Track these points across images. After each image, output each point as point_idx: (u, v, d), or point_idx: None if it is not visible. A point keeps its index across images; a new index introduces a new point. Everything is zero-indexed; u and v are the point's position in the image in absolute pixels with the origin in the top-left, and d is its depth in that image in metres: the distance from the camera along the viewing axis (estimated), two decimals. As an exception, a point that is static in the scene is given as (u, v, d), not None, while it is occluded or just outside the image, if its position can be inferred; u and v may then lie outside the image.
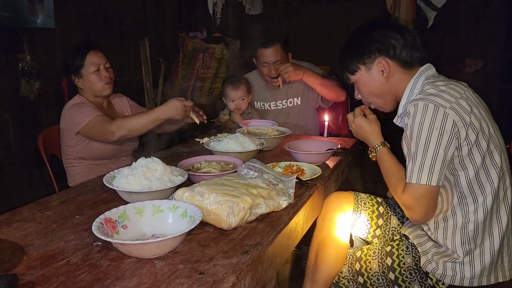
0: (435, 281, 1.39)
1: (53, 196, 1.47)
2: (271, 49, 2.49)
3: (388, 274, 1.46)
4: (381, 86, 1.46)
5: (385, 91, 1.47)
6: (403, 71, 1.43)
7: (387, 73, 1.43)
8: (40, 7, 2.70)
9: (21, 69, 2.59)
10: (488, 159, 1.31)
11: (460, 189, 1.32)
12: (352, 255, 1.58)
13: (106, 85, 2.11)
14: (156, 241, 1.00)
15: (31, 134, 2.55)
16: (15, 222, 1.24)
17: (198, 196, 1.20)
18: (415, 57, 1.43)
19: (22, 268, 0.99)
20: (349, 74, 1.51)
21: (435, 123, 1.24)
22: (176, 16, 4.09)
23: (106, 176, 1.43)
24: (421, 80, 1.41)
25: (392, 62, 1.42)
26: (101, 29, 3.24)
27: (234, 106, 2.52)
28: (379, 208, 1.69)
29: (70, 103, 2.09)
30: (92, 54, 2.10)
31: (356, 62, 1.47)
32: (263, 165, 1.50)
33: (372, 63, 1.44)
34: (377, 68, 1.44)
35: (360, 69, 1.47)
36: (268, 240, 1.13)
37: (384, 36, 1.42)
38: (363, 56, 1.45)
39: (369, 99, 1.54)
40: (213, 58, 3.80)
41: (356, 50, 1.47)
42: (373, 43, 1.43)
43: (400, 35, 1.41)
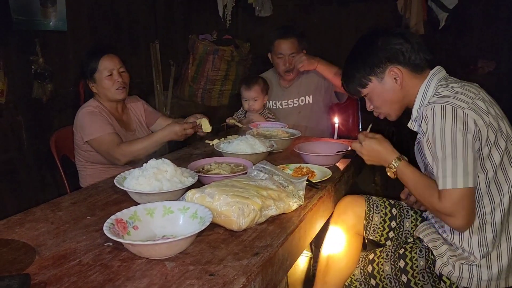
0: (448, 284, 1.37)
1: (65, 197, 1.48)
2: (288, 41, 2.53)
3: (401, 277, 1.45)
4: (396, 93, 1.45)
5: (399, 98, 1.46)
6: (415, 75, 1.42)
7: (401, 80, 1.42)
8: (52, 11, 2.73)
9: (34, 71, 2.63)
10: (506, 159, 1.29)
11: (478, 191, 1.30)
12: (365, 257, 1.57)
13: (118, 90, 2.10)
14: (166, 242, 1.00)
15: (43, 136, 2.58)
16: (27, 223, 1.25)
17: (208, 198, 1.20)
18: (424, 59, 1.42)
19: (35, 267, 1.00)
20: (360, 88, 1.50)
21: (457, 124, 1.22)
22: (186, 18, 4.11)
23: (117, 177, 1.44)
24: (434, 82, 1.40)
25: (403, 68, 1.41)
26: (112, 32, 3.27)
27: (248, 106, 2.53)
28: (392, 210, 1.68)
29: (85, 108, 2.09)
30: (105, 59, 2.09)
31: (367, 75, 1.45)
32: (273, 167, 1.49)
33: (383, 73, 1.43)
34: (389, 76, 1.43)
35: (371, 81, 1.46)
36: (278, 242, 1.12)
37: (390, 44, 1.41)
38: (373, 68, 1.43)
39: (382, 109, 1.52)
40: (223, 60, 3.81)
41: (365, 63, 1.45)
42: (380, 53, 1.42)
43: (405, 39, 1.41)
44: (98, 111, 2.07)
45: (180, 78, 3.97)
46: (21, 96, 2.60)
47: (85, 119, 2.04)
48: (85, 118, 2.04)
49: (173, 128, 1.93)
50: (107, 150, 1.98)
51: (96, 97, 2.15)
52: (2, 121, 2.52)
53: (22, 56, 2.58)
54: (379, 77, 1.44)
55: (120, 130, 2.13)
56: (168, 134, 1.93)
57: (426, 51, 1.43)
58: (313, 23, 4.43)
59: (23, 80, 2.59)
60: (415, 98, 1.43)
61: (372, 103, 1.52)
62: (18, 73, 2.56)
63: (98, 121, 2.02)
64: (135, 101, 2.36)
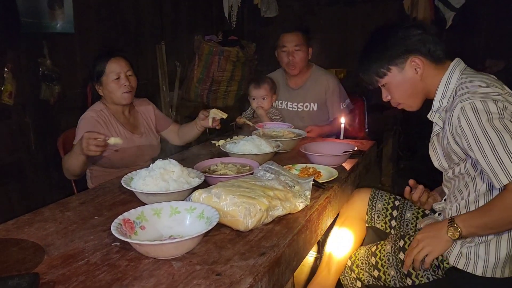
0: (440, 260, 1.40)
1: (72, 197, 1.49)
2: (291, 34, 2.57)
3: (399, 254, 1.49)
4: (416, 84, 1.44)
5: (419, 89, 1.45)
6: (435, 67, 1.42)
7: (422, 71, 1.41)
8: (60, 13, 2.76)
9: (42, 73, 2.65)
10: None
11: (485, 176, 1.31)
12: (369, 249, 1.63)
13: (125, 93, 2.07)
14: (173, 242, 1.00)
15: (51, 137, 2.60)
16: (36, 223, 1.27)
17: (215, 198, 1.20)
18: (442, 50, 1.42)
19: (43, 267, 1.01)
20: (377, 77, 1.49)
21: (491, 111, 1.21)
22: (192, 19, 4.12)
23: (124, 178, 1.45)
24: (456, 74, 1.40)
25: (424, 58, 1.41)
26: (119, 34, 3.29)
27: (256, 104, 2.54)
28: (395, 201, 1.75)
29: (86, 112, 2.08)
30: (113, 62, 2.06)
31: (386, 65, 1.44)
32: (279, 167, 1.49)
33: (404, 63, 1.42)
34: (410, 67, 1.42)
35: (391, 71, 1.45)
36: (285, 242, 1.12)
37: (410, 35, 1.41)
38: (394, 58, 1.43)
39: (401, 100, 1.51)
40: (228, 61, 3.82)
41: (384, 53, 1.44)
42: (402, 43, 1.41)
43: (424, 31, 1.41)
44: (97, 118, 2.04)
45: (186, 79, 3.99)
46: (29, 97, 2.62)
47: (81, 124, 2.03)
48: (81, 123, 2.03)
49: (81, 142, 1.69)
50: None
51: (102, 100, 2.15)
52: (10, 122, 2.54)
53: (30, 58, 2.60)
54: (400, 67, 1.43)
55: (124, 132, 2.12)
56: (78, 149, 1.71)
57: (442, 44, 1.43)
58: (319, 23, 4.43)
59: (31, 82, 2.62)
60: (435, 89, 1.43)
61: (390, 93, 1.51)
62: (26, 75, 2.58)
63: (85, 130, 1.92)
64: (145, 104, 2.33)
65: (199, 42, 3.89)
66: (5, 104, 2.47)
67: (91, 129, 1.96)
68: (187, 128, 2.30)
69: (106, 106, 2.13)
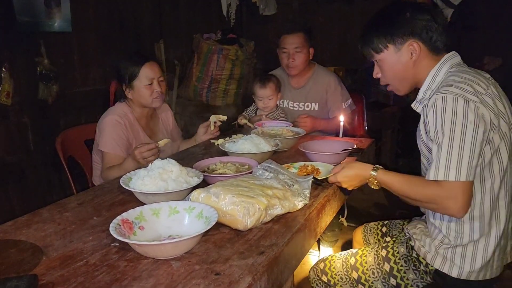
0: (425, 264, 1.40)
1: (71, 198, 1.49)
2: (291, 35, 2.54)
3: (384, 266, 1.46)
4: (407, 69, 1.41)
5: (409, 75, 1.42)
6: (431, 57, 1.39)
7: (417, 57, 1.38)
8: (57, 11, 2.75)
9: (39, 72, 2.65)
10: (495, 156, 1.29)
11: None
12: (349, 252, 1.60)
13: (156, 99, 2.06)
14: (172, 242, 1.00)
15: (49, 137, 2.60)
16: (34, 224, 1.26)
17: (213, 197, 1.20)
18: (443, 43, 1.39)
19: (42, 268, 1.01)
20: (373, 52, 1.45)
21: (469, 117, 1.20)
22: (190, 18, 4.12)
23: (123, 178, 1.44)
24: (446, 67, 1.38)
25: (423, 45, 1.38)
26: (117, 33, 3.28)
27: (262, 104, 2.53)
28: (382, 228, 1.78)
29: (112, 115, 2.03)
30: (147, 67, 2.03)
31: (385, 40, 1.41)
32: (278, 166, 1.49)
33: (402, 44, 1.39)
34: (407, 50, 1.39)
35: (388, 48, 1.41)
36: (284, 241, 1.12)
37: (418, 18, 1.37)
38: (394, 36, 1.39)
39: (390, 81, 1.48)
40: (227, 60, 3.82)
41: (387, 28, 1.41)
42: (406, 24, 1.37)
43: (433, 18, 1.37)
44: (124, 123, 2.02)
45: (185, 78, 3.98)
46: (27, 97, 2.61)
47: (106, 128, 2.00)
48: (107, 127, 2.00)
49: (132, 155, 1.78)
50: (103, 165, 2.00)
51: (128, 102, 2.11)
52: (8, 122, 2.54)
53: (27, 58, 2.59)
54: (397, 47, 1.40)
55: (144, 138, 2.10)
56: (132, 161, 1.79)
57: (447, 36, 1.40)
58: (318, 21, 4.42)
59: (29, 82, 2.61)
60: (424, 79, 1.41)
61: (382, 71, 1.48)
62: (23, 75, 2.57)
63: (115, 137, 1.98)
64: (165, 110, 2.32)
65: (198, 40, 3.88)
66: (3, 104, 2.46)
67: (118, 134, 1.99)
68: (187, 144, 2.28)
69: (130, 109, 2.10)
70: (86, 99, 2.98)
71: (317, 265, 1.61)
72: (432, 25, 1.36)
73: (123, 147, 1.99)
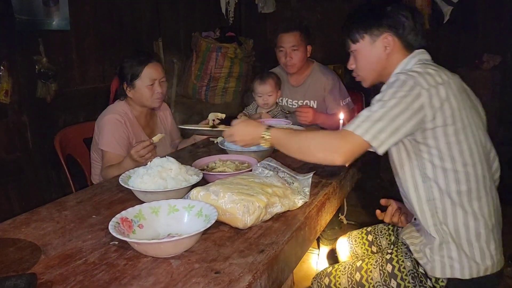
0: (434, 281, 1.35)
1: (70, 196, 1.48)
2: (288, 34, 2.53)
3: (390, 282, 1.41)
4: (380, 61, 1.44)
5: (381, 67, 1.45)
6: (403, 52, 1.42)
7: (390, 50, 1.41)
8: (55, 10, 2.74)
9: (38, 71, 2.63)
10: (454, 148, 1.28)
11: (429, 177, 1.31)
12: (352, 265, 1.53)
13: (156, 99, 2.06)
14: (172, 240, 1.00)
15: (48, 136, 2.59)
16: (33, 222, 1.26)
17: (213, 195, 1.20)
18: (418, 42, 1.42)
19: (41, 267, 1.01)
20: (350, 42, 1.48)
21: (408, 97, 1.22)
22: (189, 16, 4.11)
23: (122, 176, 1.44)
24: (414, 60, 1.39)
25: (398, 40, 1.40)
26: (116, 31, 3.27)
27: (262, 101, 2.53)
28: (368, 236, 1.74)
29: (112, 114, 2.03)
30: (150, 67, 2.03)
31: (362, 31, 1.43)
32: (278, 164, 1.49)
33: (378, 36, 1.41)
34: (382, 42, 1.41)
35: (364, 39, 1.44)
36: (284, 239, 1.12)
37: (397, 13, 1.40)
38: (372, 27, 1.42)
39: (362, 72, 1.50)
40: (226, 58, 3.81)
41: (366, 19, 1.44)
42: (384, 17, 1.40)
43: (412, 16, 1.40)
44: (124, 121, 2.02)
45: (184, 76, 3.97)
46: (26, 96, 2.60)
47: (106, 126, 1.99)
48: (107, 126, 1.99)
49: (130, 155, 1.76)
50: (103, 164, 2.00)
51: (127, 101, 2.10)
52: (7, 121, 2.53)
53: (26, 56, 2.58)
54: (373, 39, 1.42)
55: (144, 137, 2.09)
56: (131, 160, 1.77)
57: (424, 37, 1.43)
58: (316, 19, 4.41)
59: (27, 80, 2.60)
60: (393, 71, 1.42)
61: (356, 62, 1.50)
62: (22, 73, 2.56)
63: (116, 136, 1.97)
64: (164, 108, 2.32)
65: (196, 38, 3.87)
66: (1, 102, 2.45)
67: (119, 133, 1.98)
68: (186, 142, 2.28)
69: (130, 108, 2.09)
70: (85, 98, 2.97)
71: (322, 280, 1.55)
72: (410, 24, 1.39)
73: (123, 146, 1.99)
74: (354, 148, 1.24)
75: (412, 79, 1.24)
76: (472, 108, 1.34)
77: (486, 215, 1.31)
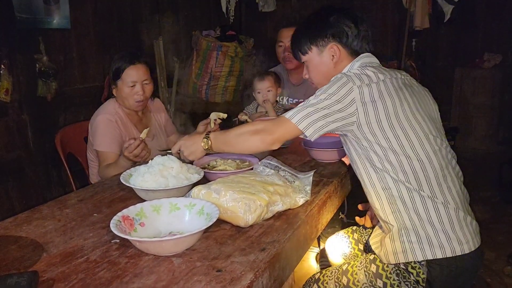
0: (415, 274, 1.35)
1: (71, 195, 1.48)
2: (289, 30, 2.53)
3: (376, 283, 1.41)
4: (329, 70, 1.49)
5: (330, 75, 1.46)
6: (350, 59, 1.47)
7: (337, 59, 1.46)
8: (55, 8, 2.74)
9: (38, 69, 2.64)
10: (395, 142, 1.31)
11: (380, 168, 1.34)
12: (338, 269, 1.52)
13: (137, 102, 2.03)
14: (173, 238, 1.00)
15: (49, 134, 2.59)
16: (35, 220, 1.26)
17: (214, 194, 1.20)
18: (364, 48, 1.47)
19: (43, 265, 1.00)
20: (301, 54, 1.53)
21: (339, 92, 1.29)
22: (189, 15, 4.10)
23: (123, 174, 1.44)
24: (357, 64, 1.44)
25: (343, 49, 1.45)
26: (116, 29, 3.27)
27: (262, 98, 2.52)
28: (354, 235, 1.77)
29: (103, 114, 2.01)
30: (131, 69, 1.99)
31: (309, 43, 1.49)
32: (279, 163, 1.49)
33: (324, 47, 1.47)
34: (328, 52, 1.47)
35: (311, 50, 1.49)
36: (285, 237, 1.12)
37: (340, 23, 1.45)
38: (317, 38, 1.47)
39: (316, 80, 1.55)
40: (226, 56, 3.80)
41: (311, 31, 1.49)
42: (328, 28, 1.45)
43: (354, 24, 1.45)
44: (115, 120, 2.01)
45: (184, 75, 3.97)
46: (26, 94, 2.61)
47: (99, 127, 1.98)
48: (99, 126, 1.98)
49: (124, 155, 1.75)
50: (99, 163, 2.00)
51: (117, 99, 2.09)
52: (7, 119, 2.53)
53: (26, 55, 2.58)
54: (320, 49, 1.48)
55: (137, 135, 2.04)
56: (125, 159, 1.77)
57: (369, 42, 1.48)
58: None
59: (28, 79, 2.60)
60: None
61: (308, 72, 1.56)
62: (22, 72, 2.57)
63: (109, 135, 1.96)
64: (157, 104, 2.30)
65: (197, 37, 3.87)
66: (2, 101, 2.45)
67: (111, 132, 1.98)
68: None
69: (120, 106, 2.08)
70: (85, 96, 2.97)
71: (311, 287, 1.56)
72: (353, 31, 1.45)
73: (117, 145, 1.98)
74: (286, 132, 1.34)
75: (346, 77, 1.32)
76: (416, 103, 1.37)
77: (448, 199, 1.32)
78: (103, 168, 1.92)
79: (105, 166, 1.92)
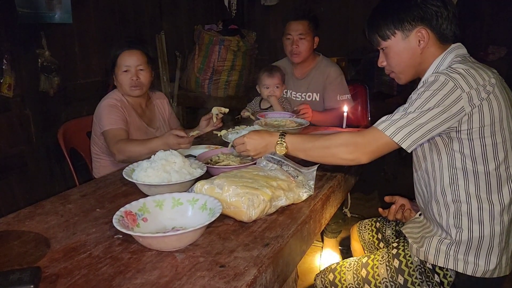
0: (442, 276, 1.33)
1: (74, 190, 1.48)
2: (297, 22, 2.51)
3: (397, 278, 1.38)
4: (414, 56, 1.36)
5: (416, 63, 1.37)
6: (438, 45, 1.34)
7: (425, 44, 1.33)
8: (57, 3, 2.72)
9: (41, 64, 2.63)
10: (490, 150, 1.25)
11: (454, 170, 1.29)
12: (358, 261, 1.50)
13: (133, 88, 2.04)
14: (176, 233, 0.99)
15: (51, 129, 2.59)
16: (37, 215, 1.26)
17: (217, 189, 1.19)
18: (452, 31, 1.34)
19: (45, 260, 1.00)
20: (380, 39, 1.39)
21: (445, 101, 1.19)
22: (191, 9, 4.08)
23: (126, 169, 1.43)
24: (451, 57, 1.33)
25: (432, 33, 1.32)
26: (118, 24, 3.25)
27: (268, 93, 2.50)
28: (376, 224, 1.74)
29: (107, 99, 2.05)
30: (125, 54, 2.02)
31: (393, 27, 1.35)
32: (281, 157, 1.48)
33: (410, 31, 1.33)
34: (415, 37, 1.33)
35: (395, 35, 1.35)
36: (289, 232, 1.11)
37: (428, 4, 1.31)
38: (403, 22, 1.33)
39: (395, 69, 1.42)
40: (229, 51, 3.78)
41: (396, 14, 1.34)
42: (416, 9, 1.32)
43: (444, 5, 1.32)
44: (119, 105, 2.03)
45: (186, 69, 3.96)
46: (28, 89, 2.60)
47: (104, 110, 2.00)
48: (104, 110, 2.00)
49: (168, 140, 1.76)
50: (109, 143, 1.95)
51: (119, 89, 2.11)
52: (10, 114, 2.53)
53: (28, 50, 2.58)
54: (405, 34, 1.34)
55: (141, 125, 2.09)
56: (162, 145, 1.76)
57: (457, 25, 1.35)
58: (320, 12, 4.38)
59: (30, 74, 2.60)
60: (428, 67, 1.36)
61: (387, 59, 1.43)
62: (24, 67, 2.56)
63: (114, 114, 1.98)
64: (161, 98, 2.31)
65: (199, 31, 3.85)
66: (5, 96, 2.45)
67: (116, 113, 1.98)
68: None
69: (122, 95, 2.09)
70: (88, 91, 2.96)
71: (326, 276, 1.53)
72: (442, 12, 1.31)
73: (124, 123, 1.99)
74: (380, 147, 1.25)
75: (451, 81, 1.20)
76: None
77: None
78: (122, 143, 1.87)
79: (125, 141, 1.89)
